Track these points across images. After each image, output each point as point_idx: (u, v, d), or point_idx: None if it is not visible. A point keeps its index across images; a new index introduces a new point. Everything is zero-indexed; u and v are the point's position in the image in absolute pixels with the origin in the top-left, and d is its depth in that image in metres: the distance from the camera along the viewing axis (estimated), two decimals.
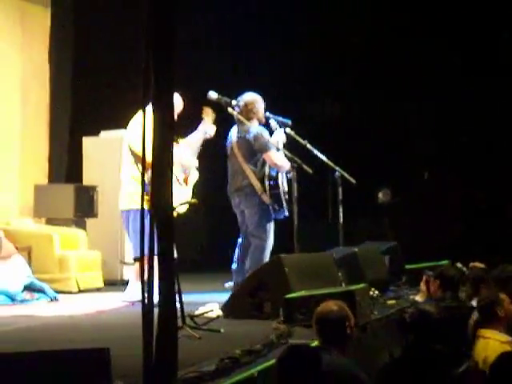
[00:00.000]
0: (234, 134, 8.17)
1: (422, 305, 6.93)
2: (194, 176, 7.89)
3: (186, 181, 7.75)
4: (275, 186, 8.00)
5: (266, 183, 7.99)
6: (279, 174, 8.06)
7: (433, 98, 11.31)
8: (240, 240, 8.25)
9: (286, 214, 8.10)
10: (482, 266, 7.59)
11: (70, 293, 8.84)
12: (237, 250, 8.26)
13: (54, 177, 10.77)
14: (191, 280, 8.09)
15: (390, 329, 6.89)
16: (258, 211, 8.05)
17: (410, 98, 11.37)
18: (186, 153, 7.78)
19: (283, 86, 11.20)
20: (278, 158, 8.03)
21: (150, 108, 3.69)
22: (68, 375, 3.14)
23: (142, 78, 3.44)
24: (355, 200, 9.68)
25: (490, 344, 5.09)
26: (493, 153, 11.27)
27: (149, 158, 7.13)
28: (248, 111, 8.07)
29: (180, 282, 5.85)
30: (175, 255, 7.38)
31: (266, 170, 8.06)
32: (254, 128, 8.06)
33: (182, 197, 7.63)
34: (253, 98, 8.16)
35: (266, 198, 7.98)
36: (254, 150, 8.02)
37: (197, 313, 6.35)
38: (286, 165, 8.04)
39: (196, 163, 7.94)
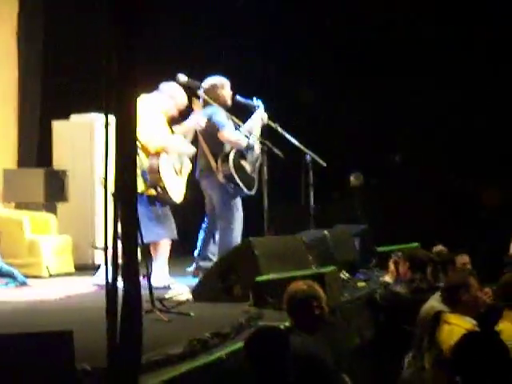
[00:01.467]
0: None
1: (392, 286, 6.98)
2: (188, 166, 7.88)
3: (180, 171, 7.74)
4: (225, 165, 7.99)
5: (219, 163, 8.01)
6: (231, 153, 8.03)
7: (407, 80, 11.31)
8: (204, 225, 8.29)
9: (248, 192, 8.11)
10: (444, 249, 7.65)
11: (40, 277, 8.78)
12: (200, 234, 8.29)
13: (23, 161, 10.67)
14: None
15: (360, 311, 6.92)
16: (220, 192, 8.08)
17: (384, 81, 11.35)
18: (182, 142, 7.78)
19: (256, 69, 11.15)
20: (232, 135, 8.05)
21: (149, 96, 3.68)
22: (31, 358, 3.11)
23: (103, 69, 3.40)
24: (327, 183, 9.70)
25: (455, 332, 5.01)
26: (468, 136, 11.29)
27: (153, 145, 7.23)
28: (212, 94, 8.09)
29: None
30: (175, 238, 7.49)
31: (226, 150, 8.06)
32: (210, 109, 8.07)
33: (178, 186, 7.66)
34: (216, 82, 8.20)
35: (220, 178, 8.01)
36: (211, 131, 8.03)
37: (166, 296, 6.34)
38: (241, 141, 8.05)
39: (193, 151, 7.91)
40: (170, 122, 7.85)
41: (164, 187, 7.46)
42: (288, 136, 8.42)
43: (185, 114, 8.07)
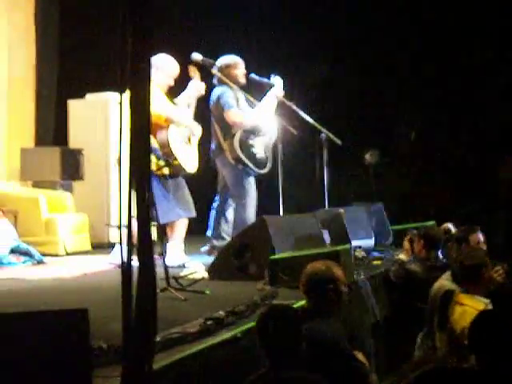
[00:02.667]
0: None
1: (407, 264, 6.99)
2: (197, 134, 7.86)
3: (189, 140, 7.73)
4: (232, 145, 7.99)
5: (227, 143, 8.02)
6: (237, 134, 8.02)
7: (423, 60, 11.26)
8: (215, 204, 8.31)
9: (259, 171, 8.10)
10: (451, 227, 7.64)
11: (57, 256, 8.84)
12: (212, 213, 8.30)
13: (40, 140, 10.74)
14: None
15: (375, 289, 6.93)
16: (233, 170, 8.09)
17: (399, 60, 11.31)
18: (187, 113, 7.76)
19: (271, 48, 11.13)
20: (236, 116, 8.02)
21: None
22: (46, 336, 3.14)
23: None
24: (342, 161, 9.70)
25: (468, 313, 5.00)
26: (482, 114, 11.23)
27: (164, 116, 7.20)
28: (225, 73, 8.08)
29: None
30: (193, 215, 7.50)
31: (235, 130, 8.06)
32: (219, 89, 8.08)
33: (188, 155, 7.64)
34: (229, 61, 8.18)
35: (229, 158, 8.02)
36: (220, 111, 8.03)
37: (181, 274, 6.37)
38: (248, 121, 8.03)
39: (198, 126, 7.90)
40: (167, 94, 7.81)
41: (176, 159, 7.45)
42: (303, 114, 8.41)
43: (185, 82, 8.02)
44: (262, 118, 8.13)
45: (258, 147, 8.13)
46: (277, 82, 8.35)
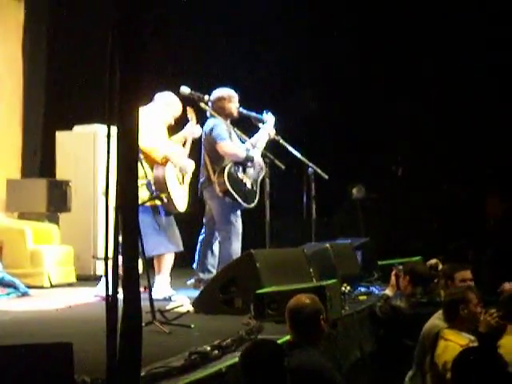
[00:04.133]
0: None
1: (392, 300, 6.97)
2: (190, 174, 7.92)
3: (182, 180, 7.78)
4: (221, 178, 8.02)
5: (216, 175, 8.04)
6: (228, 166, 8.05)
7: (407, 96, 11.35)
8: (201, 237, 8.31)
9: (246, 206, 8.12)
10: (439, 263, 7.63)
11: (42, 287, 8.79)
12: (198, 246, 8.31)
13: (27, 172, 10.69)
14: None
15: (361, 324, 6.92)
16: (220, 203, 8.12)
17: (385, 97, 11.39)
18: (182, 153, 7.81)
19: (260, 82, 11.19)
20: (228, 148, 8.07)
21: (146, 107, 3.71)
22: (30, 369, 3.11)
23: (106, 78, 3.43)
24: (329, 196, 9.71)
25: (450, 348, 5.02)
26: (471, 147, 11.30)
27: (161, 154, 7.24)
28: (218, 106, 8.12)
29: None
30: (181, 250, 7.52)
31: (225, 163, 8.09)
32: (212, 121, 8.12)
33: (181, 195, 7.70)
34: (223, 94, 8.22)
35: (217, 191, 8.04)
36: (212, 144, 8.05)
37: (167, 307, 6.35)
38: (239, 154, 8.06)
39: (192, 165, 7.93)
40: (168, 132, 7.89)
41: (170, 196, 7.49)
42: (290, 148, 8.44)
43: (181, 123, 8.08)
44: (254, 153, 8.16)
45: (247, 181, 8.16)
46: (269, 119, 8.38)
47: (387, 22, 11.42)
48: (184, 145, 7.95)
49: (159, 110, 7.75)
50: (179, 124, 8.09)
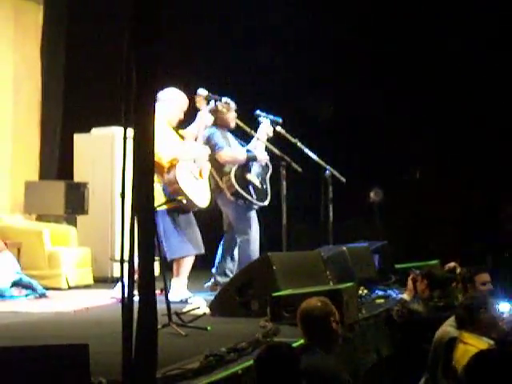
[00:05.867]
0: None
1: (409, 304, 6.94)
2: (207, 167, 7.89)
3: (200, 174, 7.75)
4: (229, 182, 8.06)
5: (224, 181, 8.07)
6: (233, 169, 8.12)
7: (426, 96, 11.31)
8: (222, 241, 8.39)
9: (260, 204, 8.18)
10: (457, 266, 7.59)
11: (60, 289, 8.83)
12: (219, 250, 8.35)
13: (45, 174, 10.75)
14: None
15: (378, 328, 6.89)
16: (234, 207, 8.19)
17: (403, 98, 11.36)
18: (194, 146, 7.79)
19: (277, 84, 11.19)
20: (227, 155, 8.14)
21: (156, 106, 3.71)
22: (46, 371, 3.12)
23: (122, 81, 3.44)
24: (346, 199, 9.69)
25: (470, 352, 4.96)
26: (487, 152, 11.26)
27: (165, 159, 7.24)
28: (216, 116, 8.14)
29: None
30: (202, 251, 7.54)
31: (228, 168, 8.16)
32: (207, 131, 8.14)
33: (200, 190, 7.67)
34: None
35: (228, 196, 8.05)
36: (212, 152, 8.08)
37: (184, 310, 6.34)
38: (239, 157, 8.12)
39: (208, 152, 7.92)
40: (178, 127, 7.84)
41: (186, 196, 7.46)
42: (307, 151, 8.44)
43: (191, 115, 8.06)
44: (257, 152, 8.19)
45: (255, 181, 8.20)
46: (263, 120, 8.42)
47: (399, 21, 11.38)
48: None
49: (165, 109, 7.62)
50: (190, 116, 8.04)
